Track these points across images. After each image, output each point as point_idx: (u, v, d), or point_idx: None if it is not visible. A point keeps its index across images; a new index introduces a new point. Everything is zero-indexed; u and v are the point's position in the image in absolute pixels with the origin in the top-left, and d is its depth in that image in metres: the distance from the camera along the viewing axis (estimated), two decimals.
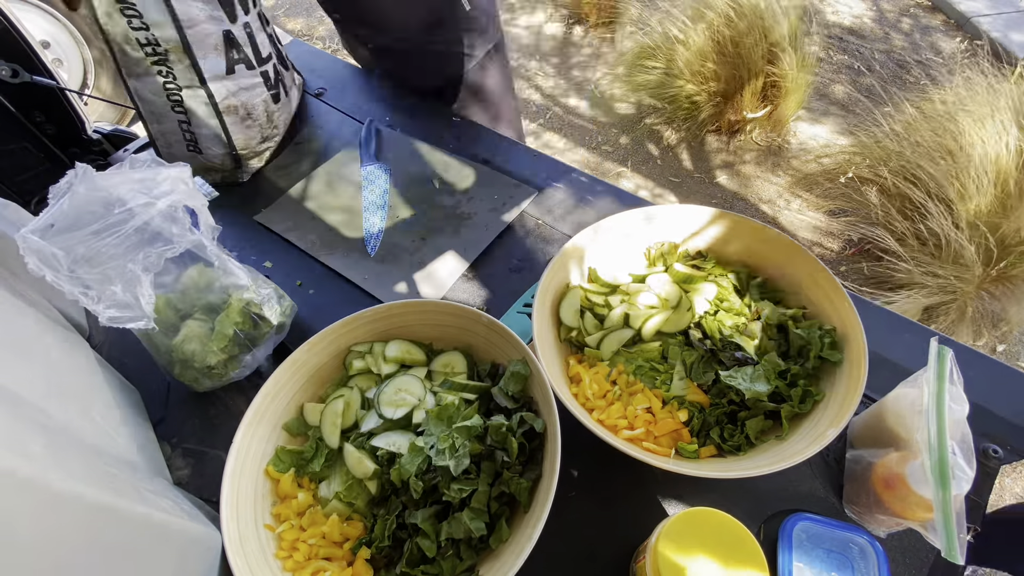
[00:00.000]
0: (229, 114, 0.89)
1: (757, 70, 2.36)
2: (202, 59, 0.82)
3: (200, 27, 0.80)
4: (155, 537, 0.45)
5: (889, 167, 1.93)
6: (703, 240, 0.75)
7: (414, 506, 0.54)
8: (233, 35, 0.85)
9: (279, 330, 0.71)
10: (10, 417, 0.38)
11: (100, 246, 0.52)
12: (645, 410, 0.62)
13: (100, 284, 0.51)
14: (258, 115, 0.93)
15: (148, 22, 0.77)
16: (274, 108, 0.97)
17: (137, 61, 0.81)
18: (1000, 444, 0.62)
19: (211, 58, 0.83)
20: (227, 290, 0.65)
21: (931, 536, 0.48)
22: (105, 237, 0.52)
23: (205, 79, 0.84)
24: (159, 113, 0.88)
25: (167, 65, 0.82)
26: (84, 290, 0.50)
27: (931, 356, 0.50)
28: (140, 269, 0.52)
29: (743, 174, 2.51)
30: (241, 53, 0.87)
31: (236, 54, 0.86)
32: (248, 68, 0.89)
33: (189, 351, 0.64)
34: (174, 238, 0.54)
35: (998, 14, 3.14)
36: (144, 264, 0.52)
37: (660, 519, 0.49)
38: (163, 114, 0.88)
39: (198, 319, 0.66)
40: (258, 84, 0.92)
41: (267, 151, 1.00)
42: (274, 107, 0.96)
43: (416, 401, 0.60)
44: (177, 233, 0.55)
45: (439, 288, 0.82)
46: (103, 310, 0.51)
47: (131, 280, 0.52)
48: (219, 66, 0.85)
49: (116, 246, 0.52)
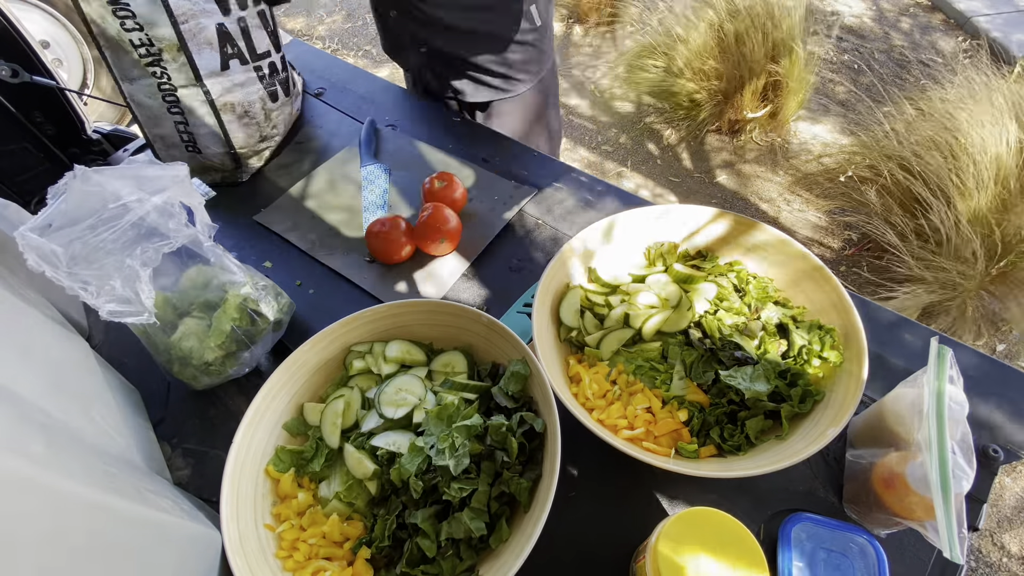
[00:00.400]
0: (226, 112, 0.89)
1: (758, 69, 2.36)
2: (197, 54, 0.82)
3: (194, 21, 0.80)
4: (155, 537, 0.45)
5: (889, 167, 1.93)
6: (703, 240, 0.75)
7: (414, 506, 0.54)
8: (226, 28, 0.84)
9: (277, 327, 0.71)
10: (10, 417, 0.38)
11: (96, 241, 0.52)
12: (645, 410, 0.62)
13: (99, 279, 0.51)
14: (255, 113, 0.93)
15: (142, 21, 0.77)
16: (272, 106, 0.96)
17: (132, 63, 0.81)
18: (1000, 444, 0.62)
19: (206, 53, 0.83)
20: (224, 287, 0.66)
21: (931, 536, 0.48)
22: (101, 232, 0.52)
23: (201, 76, 0.84)
24: (155, 116, 0.87)
25: (161, 65, 0.82)
26: (83, 285, 0.51)
27: (931, 356, 0.50)
28: (138, 264, 0.52)
29: (743, 173, 2.51)
30: (235, 48, 0.86)
31: (230, 48, 0.86)
32: (242, 63, 0.88)
33: (187, 348, 0.64)
34: (170, 233, 0.55)
35: (998, 13, 3.14)
36: (142, 259, 0.52)
37: (660, 519, 0.49)
38: (159, 117, 0.87)
39: (196, 316, 0.66)
40: (253, 80, 0.91)
41: (267, 150, 1.00)
42: (272, 105, 0.96)
43: (417, 401, 0.60)
44: (173, 229, 0.55)
45: (439, 288, 0.82)
46: (103, 304, 0.51)
47: (130, 275, 0.52)
48: (214, 62, 0.84)
49: (113, 241, 0.52)
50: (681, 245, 0.76)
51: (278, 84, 0.97)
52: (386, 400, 0.60)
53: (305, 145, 1.05)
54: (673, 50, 2.50)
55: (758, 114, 2.50)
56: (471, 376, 0.64)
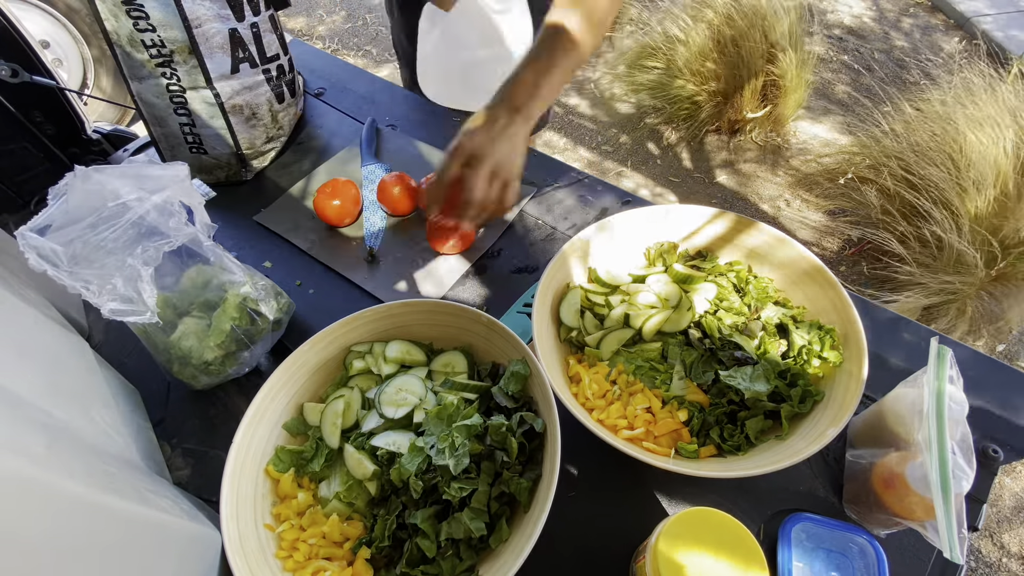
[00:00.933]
0: (235, 114, 0.89)
1: (757, 69, 2.36)
2: (208, 58, 0.82)
3: (207, 26, 0.80)
4: (155, 537, 0.45)
5: (889, 167, 1.93)
6: (703, 240, 0.75)
7: (414, 506, 0.54)
8: (239, 34, 0.85)
9: (276, 327, 0.71)
10: (10, 417, 0.38)
11: (97, 240, 0.52)
12: (645, 410, 0.62)
13: (100, 279, 0.52)
14: (263, 114, 0.93)
15: (155, 23, 0.77)
16: (278, 108, 0.96)
17: (141, 63, 0.81)
18: (1000, 444, 0.62)
19: (217, 57, 0.83)
20: (224, 287, 0.66)
21: (931, 536, 0.48)
22: (101, 231, 0.52)
23: (211, 78, 0.84)
24: (161, 116, 0.88)
25: (171, 67, 0.82)
26: (85, 284, 0.51)
27: (931, 356, 0.50)
28: (140, 263, 0.52)
29: (743, 174, 2.51)
30: (246, 52, 0.87)
31: (241, 52, 0.86)
32: (252, 67, 0.89)
33: (186, 347, 0.64)
34: (170, 232, 0.55)
35: (998, 14, 3.14)
36: (143, 258, 0.53)
37: (660, 519, 0.49)
38: (165, 117, 0.88)
39: (195, 316, 0.66)
40: (261, 83, 0.92)
41: (272, 151, 1.00)
42: (278, 107, 0.96)
43: (417, 400, 0.60)
44: (173, 227, 0.55)
45: (439, 288, 0.82)
46: (105, 303, 0.51)
47: (131, 274, 0.52)
48: (224, 65, 0.85)
49: (113, 240, 0.53)
50: (681, 245, 0.76)
51: (284, 86, 0.97)
52: (386, 400, 0.60)
53: (306, 145, 1.05)
54: (673, 50, 2.50)
55: (758, 114, 2.50)
56: (471, 376, 0.64)
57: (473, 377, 0.64)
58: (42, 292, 0.69)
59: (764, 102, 2.51)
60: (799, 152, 2.56)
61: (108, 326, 0.80)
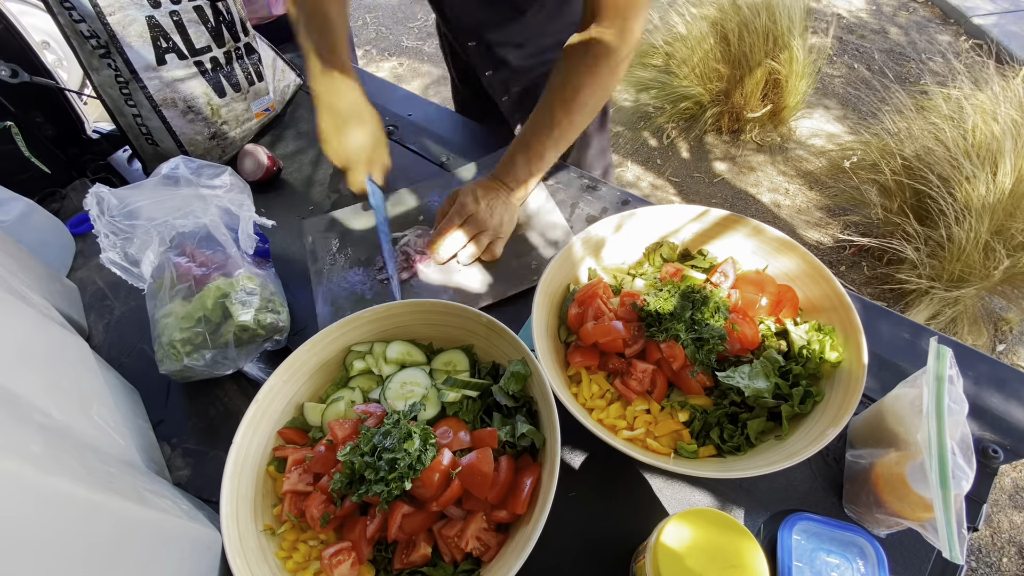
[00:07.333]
0: (167, 107, 0.88)
1: (757, 68, 2.36)
2: (127, 48, 0.81)
3: (121, 13, 0.79)
4: (155, 537, 0.45)
5: (890, 166, 1.93)
6: (702, 239, 0.75)
7: None
8: (157, 21, 0.83)
9: (251, 336, 0.69)
10: (10, 417, 0.38)
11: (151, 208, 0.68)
12: (644, 411, 0.62)
13: (125, 239, 0.67)
14: (200, 108, 0.91)
15: (83, 13, 0.76)
16: (219, 103, 0.94)
17: (89, 53, 0.81)
18: (1000, 444, 0.62)
19: (137, 46, 0.82)
20: (220, 285, 0.68)
21: (931, 536, 0.48)
22: (166, 201, 0.69)
23: (135, 69, 0.83)
24: (119, 107, 0.87)
25: (110, 57, 0.81)
26: (108, 234, 0.63)
27: (931, 356, 0.50)
28: (155, 232, 0.64)
29: (743, 172, 2.51)
30: (169, 42, 0.85)
31: (164, 43, 0.84)
32: (180, 58, 0.87)
33: (163, 324, 0.66)
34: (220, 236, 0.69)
35: (998, 13, 3.14)
36: (160, 231, 0.65)
37: (660, 519, 0.49)
38: (120, 108, 0.87)
39: (186, 301, 0.67)
40: (194, 75, 0.89)
41: (219, 147, 0.98)
42: (219, 101, 0.94)
43: (424, 391, 0.60)
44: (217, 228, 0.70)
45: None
46: (106, 252, 0.65)
47: (145, 241, 0.66)
48: (148, 55, 0.83)
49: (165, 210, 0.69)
50: (680, 244, 0.76)
51: (223, 79, 0.94)
52: (393, 395, 0.60)
53: (306, 144, 1.05)
54: (673, 49, 2.50)
55: (758, 113, 2.50)
56: (472, 375, 0.64)
57: (474, 376, 0.64)
58: (42, 292, 0.69)
59: (765, 100, 2.51)
60: (799, 150, 2.56)
61: (108, 326, 0.80)
